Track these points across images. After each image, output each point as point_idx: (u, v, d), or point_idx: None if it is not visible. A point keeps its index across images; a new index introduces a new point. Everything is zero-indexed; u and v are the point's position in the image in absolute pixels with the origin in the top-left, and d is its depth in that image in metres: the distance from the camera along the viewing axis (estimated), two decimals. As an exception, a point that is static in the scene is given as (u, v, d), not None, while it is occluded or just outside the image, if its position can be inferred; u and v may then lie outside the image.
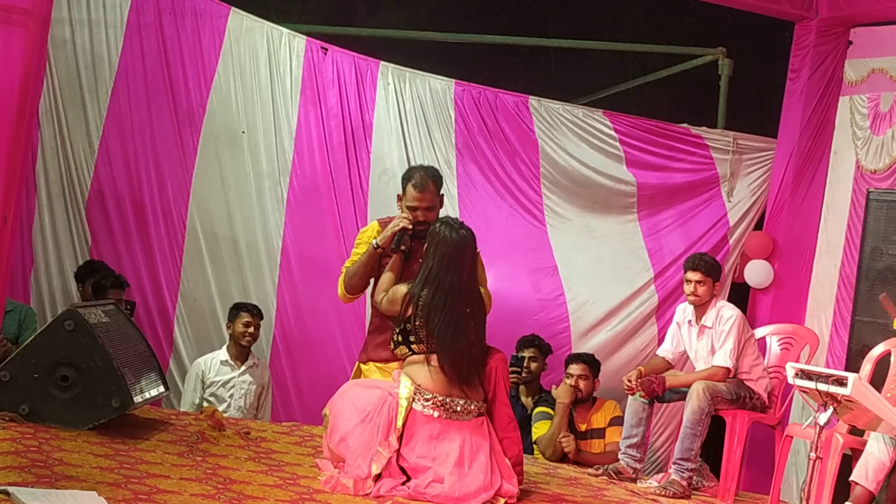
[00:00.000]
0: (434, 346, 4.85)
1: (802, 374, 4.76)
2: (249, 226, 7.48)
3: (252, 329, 6.89)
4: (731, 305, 6.28)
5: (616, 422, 6.65)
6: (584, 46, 9.16)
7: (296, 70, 7.59)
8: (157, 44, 7.32)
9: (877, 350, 5.82)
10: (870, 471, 5.10)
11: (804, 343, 6.62)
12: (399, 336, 4.94)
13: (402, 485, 4.69)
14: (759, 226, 8.17)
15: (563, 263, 7.90)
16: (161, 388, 5.60)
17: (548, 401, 6.79)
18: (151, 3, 7.29)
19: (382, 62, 7.81)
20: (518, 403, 6.90)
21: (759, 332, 6.72)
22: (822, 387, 4.63)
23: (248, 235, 7.47)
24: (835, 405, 4.67)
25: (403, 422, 4.77)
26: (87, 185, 7.19)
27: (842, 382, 4.56)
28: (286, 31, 7.65)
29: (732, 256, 8.10)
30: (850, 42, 7.81)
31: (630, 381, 6.14)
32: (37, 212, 7.06)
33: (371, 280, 5.29)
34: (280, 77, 7.56)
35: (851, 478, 5.18)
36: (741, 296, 7.99)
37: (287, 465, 4.98)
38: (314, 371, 7.37)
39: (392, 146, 7.74)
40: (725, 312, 6.14)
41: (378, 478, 4.68)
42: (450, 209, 7.42)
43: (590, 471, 6.12)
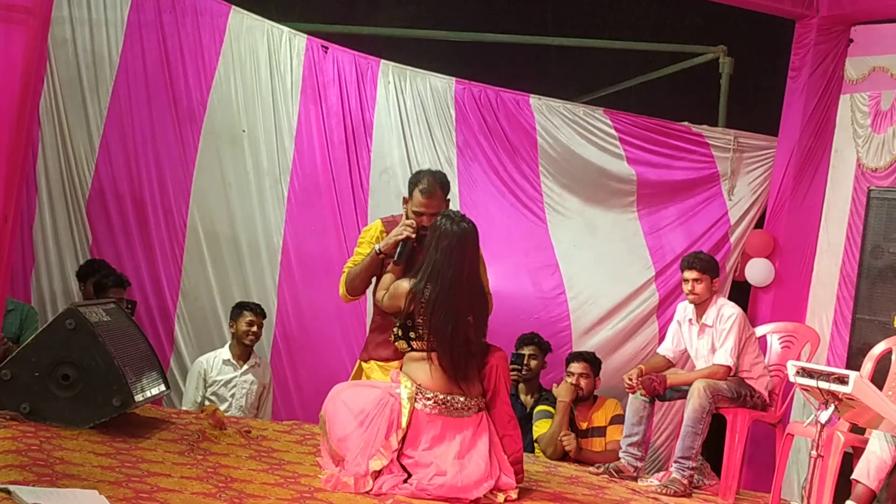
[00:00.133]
0: (434, 343, 4.84)
1: (803, 373, 4.76)
2: (250, 224, 7.48)
3: (255, 328, 6.88)
4: (732, 304, 6.28)
5: (617, 420, 6.64)
6: (585, 45, 9.15)
7: (296, 69, 7.59)
8: (158, 42, 7.32)
9: (878, 348, 5.83)
10: (871, 469, 5.09)
11: (805, 341, 6.62)
12: (400, 330, 4.94)
13: (404, 482, 4.69)
14: (760, 224, 8.16)
15: (564, 262, 7.90)
16: (162, 387, 5.60)
17: (549, 399, 6.79)
18: (152, 2, 7.29)
19: (383, 60, 7.81)
20: (517, 402, 6.90)
21: (760, 331, 6.72)
22: (824, 385, 4.63)
23: (249, 234, 7.47)
24: (836, 403, 4.67)
25: (408, 423, 4.77)
26: (88, 184, 7.19)
27: (843, 380, 4.56)
28: (287, 30, 7.64)
29: (733, 255, 8.09)
30: (851, 40, 7.80)
31: (631, 380, 6.14)
32: (37, 211, 7.06)
33: (373, 281, 5.29)
34: (281, 76, 7.56)
35: (853, 476, 5.17)
36: (742, 294, 7.98)
37: (288, 464, 4.98)
38: (315, 369, 7.35)
39: (393, 145, 7.74)
40: (726, 311, 6.14)
41: (378, 475, 4.68)
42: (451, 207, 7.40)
43: (591, 469, 6.13)
